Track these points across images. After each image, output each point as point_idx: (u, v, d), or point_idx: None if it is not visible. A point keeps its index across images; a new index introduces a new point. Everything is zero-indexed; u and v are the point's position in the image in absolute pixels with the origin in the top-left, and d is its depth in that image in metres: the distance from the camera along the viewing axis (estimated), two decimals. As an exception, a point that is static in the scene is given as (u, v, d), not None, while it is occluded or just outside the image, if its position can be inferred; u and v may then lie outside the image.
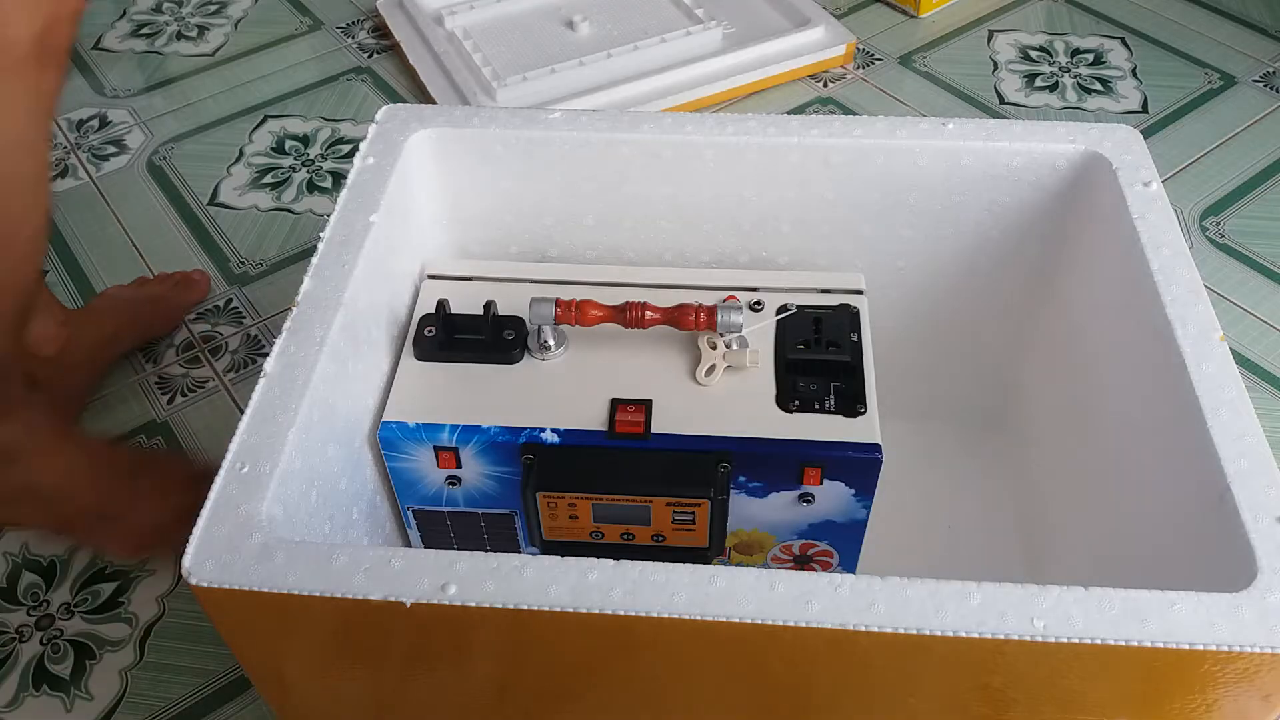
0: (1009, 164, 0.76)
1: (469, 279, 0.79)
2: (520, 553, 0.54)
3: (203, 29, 1.56)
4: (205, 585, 0.52)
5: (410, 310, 0.78)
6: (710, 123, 0.77)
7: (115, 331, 1.07)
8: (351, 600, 0.52)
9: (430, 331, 0.74)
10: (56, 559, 0.94)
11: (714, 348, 0.73)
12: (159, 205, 1.28)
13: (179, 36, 1.55)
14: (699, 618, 0.50)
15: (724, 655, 0.54)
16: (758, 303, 0.76)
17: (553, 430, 0.70)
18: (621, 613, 0.51)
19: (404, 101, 1.18)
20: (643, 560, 0.52)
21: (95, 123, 1.40)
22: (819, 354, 0.73)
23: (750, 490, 0.71)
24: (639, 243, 0.83)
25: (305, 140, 1.36)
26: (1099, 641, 0.49)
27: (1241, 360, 1.07)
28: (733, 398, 0.71)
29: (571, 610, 0.51)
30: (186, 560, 0.53)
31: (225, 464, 0.57)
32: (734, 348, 0.72)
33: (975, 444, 0.94)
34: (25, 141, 0.74)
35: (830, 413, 0.70)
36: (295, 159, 1.33)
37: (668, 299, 0.75)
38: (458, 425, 0.70)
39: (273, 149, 1.35)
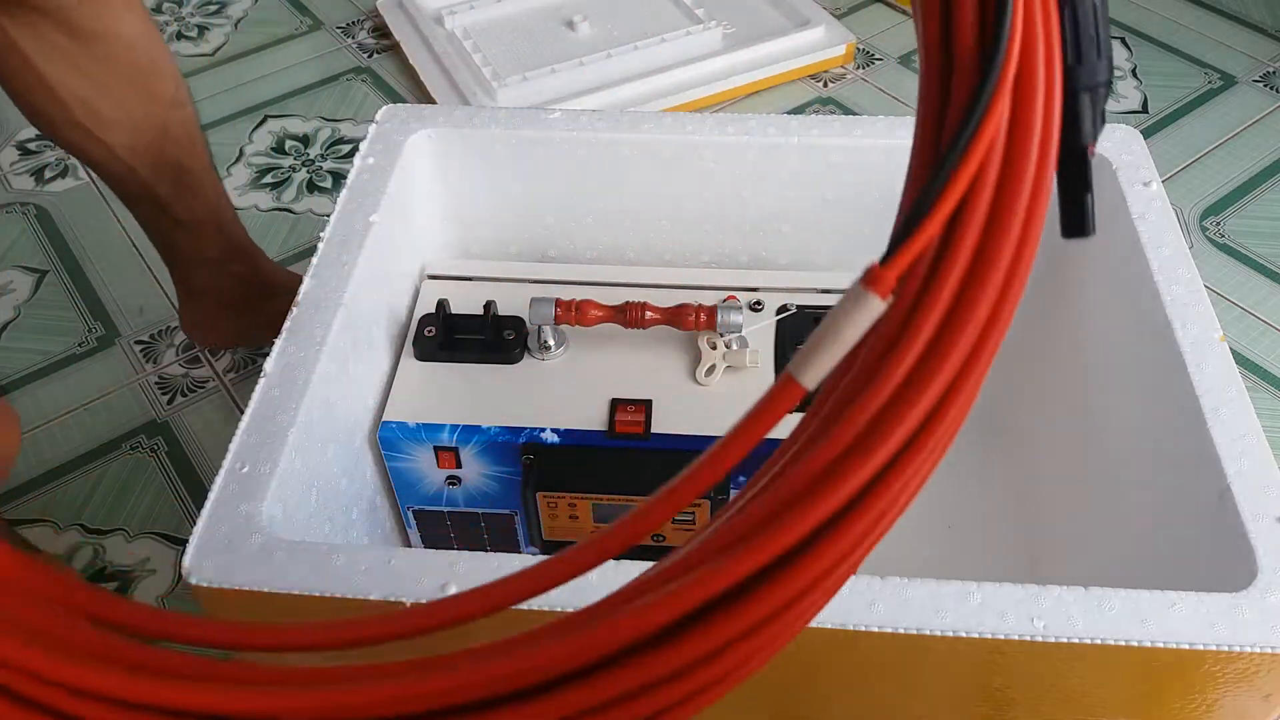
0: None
1: (469, 279, 0.79)
2: (520, 553, 0.54)
3: (203, 29, 1.56)
4: (205, 585, 0.52)
5: (410, 310, 0.78)
6: (710, 123, 0.77)
7: None
8: (351, 600, 0.52)
9: (430, 331, 0.74)
10: (58, 557, 0.94)
11: (714, 348, 0.73)
12: (159, 205, 1.28)
13: (179, 36, 1.55)
14: (699, 618, 0.50)
15: (724, 655, 0.54)
16: (758, 303, 0.76)
17: (553, 430, 0.69)
18: (621, 613, 0.50)
19: (404, 101, 1.18)
20: (642, 560, 0.52)
21: (95, 123, 1.40)
22: (819, 354, 0.72)
23: (750, 490, 0.71)
24: (639, 243, 0.83)
25: (305, 140, 1.36)
26: (1099, 641, 0.49)
27: (1241, 360, 1.07)
28: (733, 398, 0.71)
29: (571, 609, 0.51)
30: (186, 560, 0.53)
31: (225, 464, 0.57)
32: (734, 348, 0.72)
33: (975, 443, 0.94)
34: None
35: (830, 413, 0.70)
36: (295, 159, 1.33)
37: (668, 299, 0.75)
38: (458, 425, 0.70)
39: (273, 149, 1.35)
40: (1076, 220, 0.31)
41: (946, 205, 0.25)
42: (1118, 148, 0.74)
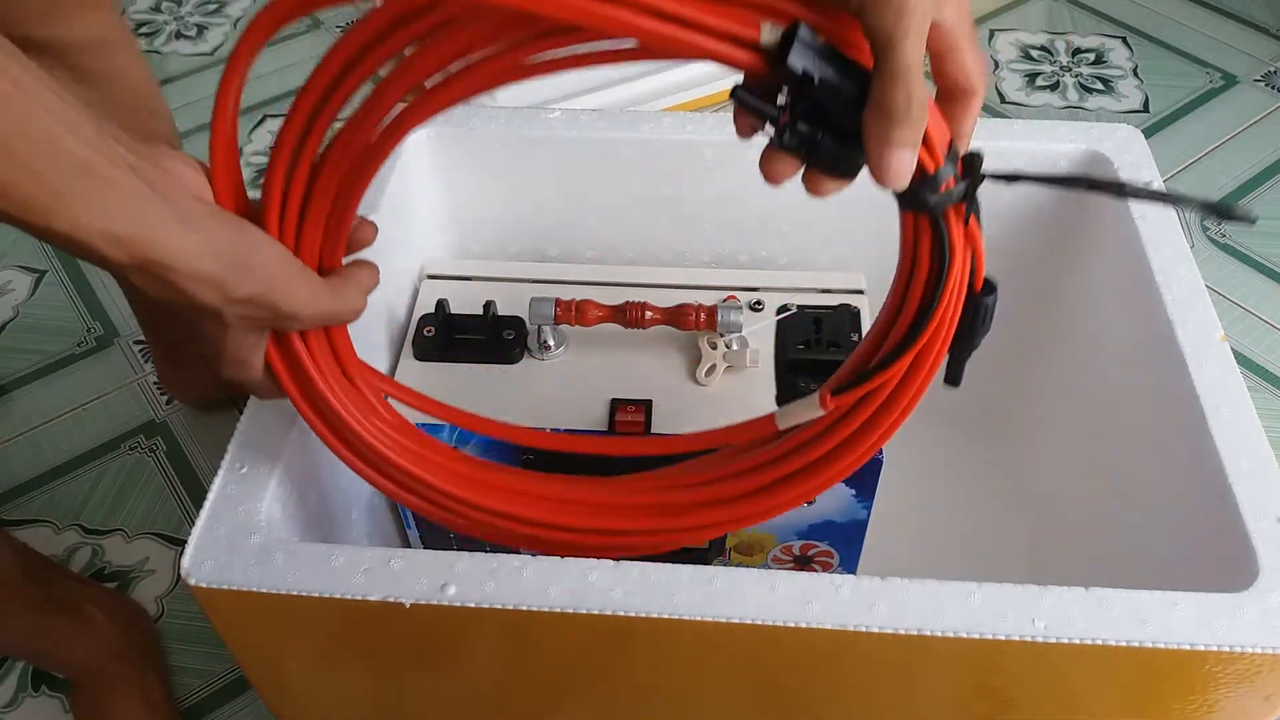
0: (1010, 164, 0.76)
1: (469, 279, 0.79)
2: (520, 553, 0.54)
3: (201, 28, 1.56)
4: (204, 586, 0.52)
5: (410, 310, 0.78)
6: (710, 123, 0.77)
7: None
8: (351, 601, 0.52)
9: (430, 331, 0.74)
10: (56, 558, 0.94)
11: (714, 348, 0.72)
12: (159, 205, 1.28)
13: (178, 36, 1.55)
14: (699, 618, 0.50)
15: (724, 655, 0.54)
16: (758, 303, 0.76)
17: (553, 430, 0.69)
18: (621, 613, 0.50)
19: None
20: (642, 560, 0.52)
21: (95, 122, 1.40)
22: (819, 354, 0.72)
23: (750, 490, 0.71)
24: (639, 243, 0.83)
25: (305, 140, 1.36)
26: (1099, 642, 0.49)
27: (1242, 360, 1.07)
28: (733, 398, 0.71)
29: (571, 610, 0.51)
30: (185, 561, 0.53)
31: (225, 464, 0.57)
32: (734, 348, 0.72)
33: (976, 444, 0.94)
34: None
35: (830, 413, 0.70)
36: (295, 159, 1.33)
37: (668, 299, 0.75)
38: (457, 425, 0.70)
39: (272, 149, 1.35)
40: (952, 379, 0.53)
41: (868, 389, 0.50)
42: (1119, 147, 0.74)
